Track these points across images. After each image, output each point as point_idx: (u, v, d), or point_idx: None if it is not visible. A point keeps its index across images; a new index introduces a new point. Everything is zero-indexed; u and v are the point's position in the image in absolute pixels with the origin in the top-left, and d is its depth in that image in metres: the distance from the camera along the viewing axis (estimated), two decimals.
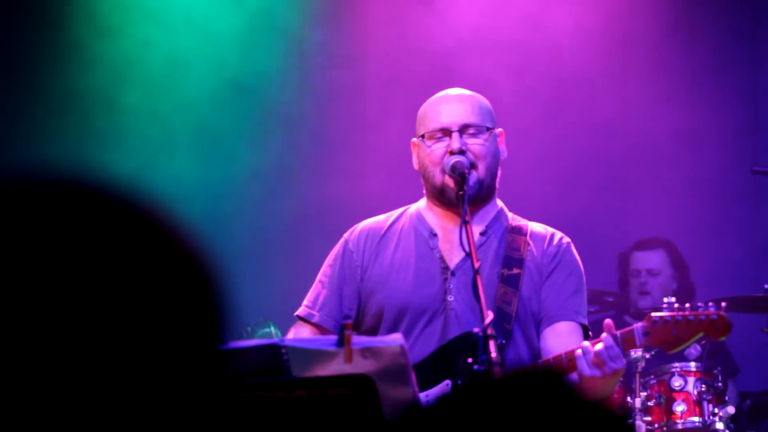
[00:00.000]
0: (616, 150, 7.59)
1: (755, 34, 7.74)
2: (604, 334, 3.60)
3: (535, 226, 3.98)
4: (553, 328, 3.83)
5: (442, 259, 3.87)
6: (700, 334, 3.62)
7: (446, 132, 3.86)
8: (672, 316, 3.60)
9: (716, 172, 7.52)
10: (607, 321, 3.62)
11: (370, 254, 3.93)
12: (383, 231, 3.98)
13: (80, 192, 1.18)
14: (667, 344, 3.61)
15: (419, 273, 3.86)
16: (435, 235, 3.91)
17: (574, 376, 3.62)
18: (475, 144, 3.85)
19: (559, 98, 7.62)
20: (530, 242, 3.90)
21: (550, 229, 3.99)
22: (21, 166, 1.19)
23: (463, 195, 3.73)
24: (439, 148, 3.85)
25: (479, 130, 3.87)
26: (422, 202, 4.02)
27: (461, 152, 3.82)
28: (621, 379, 5.81)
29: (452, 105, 3.90)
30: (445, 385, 3.67)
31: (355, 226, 4.04)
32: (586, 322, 3.88)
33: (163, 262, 1.19)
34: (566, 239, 3.96)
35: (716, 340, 6.14)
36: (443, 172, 3.84)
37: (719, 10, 7.67)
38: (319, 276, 4.00)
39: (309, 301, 3.98)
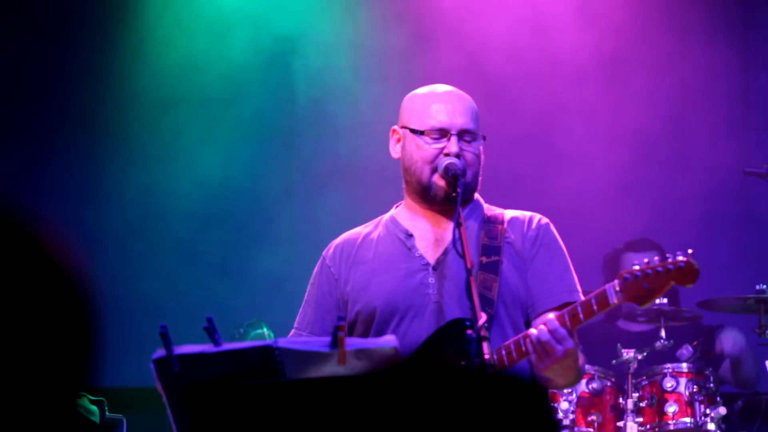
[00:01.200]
0: (606, 151, 7.59)
1: (746, 34, 7.75)
2: (550, 315, 3.61)
3: (512, 213, 3.98)
4: (542, 317, 3.82)
5: (421, 257, 3.88)
6: (671, 284, 3.62)
7: (444, 133, 3.86)
8: (642, 270, 3.60)
9: (707, 173, 7.53)
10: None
11: (347, 265, 3.95)
12: (359, 241, 3.99)
13: None
14: (639, 298, 3.61)
15: (399, 272, 3.87)
16: (411, 235, 3.92)
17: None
18: (469, 151, 3.86)
19: (547, 98, 7.63)
20: (507, 229, 3.90)
21: (528, 213, 3.99)
22: None
23: (456, 197, 3.75)
24: (434, 146, 3.86)
25: (475, 137, 3.89)
26: (396, 209, 4.03)
27: (456, 156, 3.83)
28: (612, 379, 5.84)
29: (453, 105, 3.90)
30: None
31: (332, 242, 4.05)
32: (579, 296, 3.83)
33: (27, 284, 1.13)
34: (544, 220, 3.97)
35: (711, 339, 6.21)
36: (433, 170, 3.84)
37: (710, 10, 7.68)
38: (305, 296, 4.03)
39: (297, 322, 4.01)
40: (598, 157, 7.57)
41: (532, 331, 3.59)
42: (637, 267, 3.59)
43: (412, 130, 3.90)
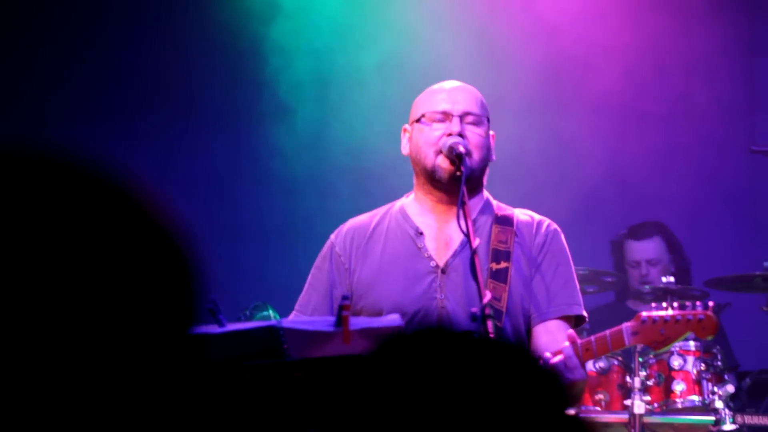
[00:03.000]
0: (613, 130, 7.58)
1: (752, 13, 7.73)
2: (566, 344, 3.60)
3: (522, 215, 3.95)
4: (543, 326, 3.82)
5: (431, 258, 3.86)
6: (688, 333, 3.66)
7: (447, 116, 3.85)
8: (660, 316, 3.63)
9: (714, 151, 7.52)
10: (570, 332, 3.64)
11: (357, 256, 3.92)
12: (369, 231, 3.96)
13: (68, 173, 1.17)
14: (655, 343, 3.67)
15: (408, 273, 3.85)
16: (421, 233, 3.90)
17: None
18: (474, 133, 3.85)
19: (554, 77, 7.61)
20: (517, 233, 3.88)
21: (537, 217, 3.97)
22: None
23: (459, 176, 3.73)
24: (437, 129, 3.85)
25: (479, 120, 3.87)
26: (406, 199, 4.00)
27: (460, 136, 3.82)
28: (620, 358, 5.83)
29: (456, 92, 3.91)
30: None
31: (341, 227, 4.01)
32: (581, 311, 3.87)
33: (140, 248, 1.18)
34: (553, 226, 3.95)
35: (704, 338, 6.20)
36: (437, 153, 3.83)
37: None
38: (308, 279, 3.99)
39: (300, 305, 3.97)
40: (604, 137, 7.55)
41: (546, 354, 3.59)
42: (656, 313, 3.64)
43: (416, 120, 3.91)
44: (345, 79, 7.56)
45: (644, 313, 3.66)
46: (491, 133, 3.93)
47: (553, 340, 3.76)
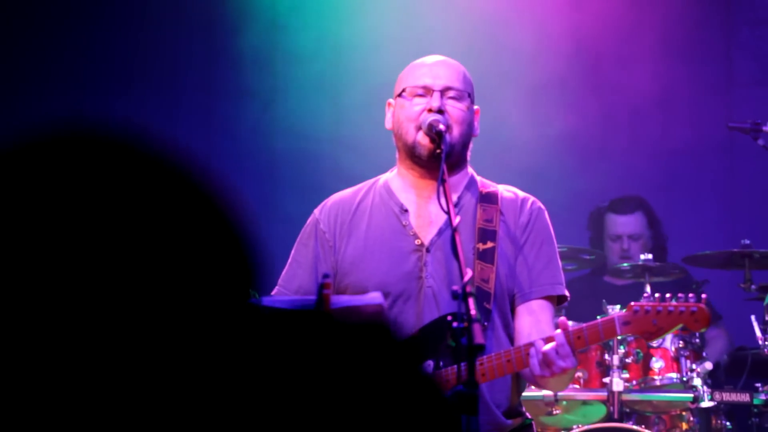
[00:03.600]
0: (592, 107, 7.58)
1: None
2: (557, 331, 3.58)
3: (506, 192, 3.92)
4: (526, 306, 3.80)
5: (415, 235, 3.83)
6: (680, 326, 3.64)
7: (427, 91, 3.82)
8: (653, 307, 3.61)
9: (692, 129, 7.53)
10: (562, 319, 3.62)
11: (341, 233, 3.88)
12: (354, 208, 3.92)
13: (117, 147, 1.24)
14: (647, 334, 3.65)
15: (393, 252, 3.81)
16: (406, 210, 3.87)
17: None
18: (455, 108, 3.81)
19: (534, 55, 7.60)
20: (502, 211, 3.86)
21: (521, 194, 3.94)
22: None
23: (439, 153, 3.70)
24: (418, 104, 3.82)
25: (461, 95, 3.83)
26: (390, 174, 3.97)
27: (440, 112, 3.78)
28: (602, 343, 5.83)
29: (438, 67, 3.87)
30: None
31: (325, 202, 3.98)
32: (563, 291, 3.85)
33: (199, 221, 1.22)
34: (537, 204, 3.92)
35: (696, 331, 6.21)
36: (417, 128, 3.79)
37: None
38: (292, 255, 3.95)
39: (284, 281, 3.93)
40: (583, 112, 7.55)
41: (538, 342, 3.57)
42: (647, 302, 3.61)
43: (399, 95, 3.87)
44: (292, 57, 7.55)
45: (636, 303, 3.63)
46: (475, 107, 3.90)
47: (536, 320, 3.74)
